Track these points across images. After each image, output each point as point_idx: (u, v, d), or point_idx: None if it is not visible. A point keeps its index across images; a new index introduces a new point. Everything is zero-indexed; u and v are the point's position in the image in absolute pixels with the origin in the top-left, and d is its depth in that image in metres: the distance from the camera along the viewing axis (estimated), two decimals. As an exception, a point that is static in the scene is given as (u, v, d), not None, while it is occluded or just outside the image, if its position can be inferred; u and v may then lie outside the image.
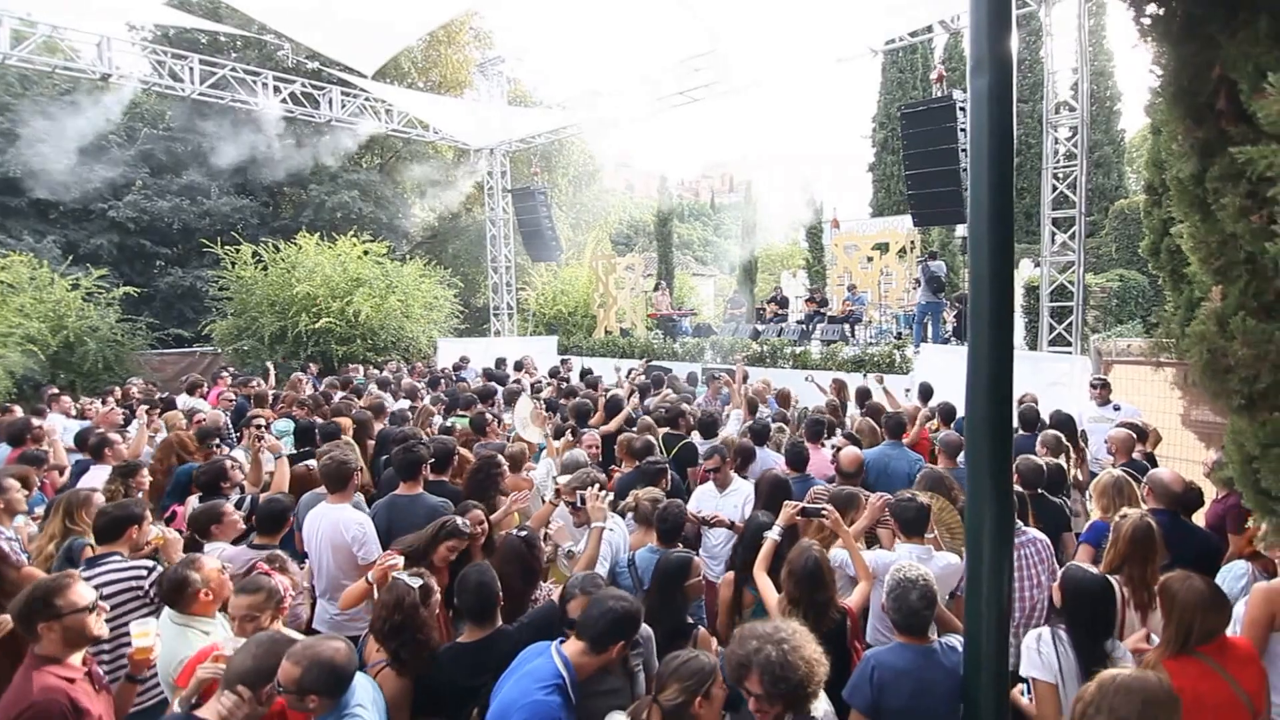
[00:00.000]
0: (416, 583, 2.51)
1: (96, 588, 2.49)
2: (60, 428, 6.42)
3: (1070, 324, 9.42)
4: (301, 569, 3.27)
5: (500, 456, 4.15)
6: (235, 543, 3.40)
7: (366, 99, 13.67)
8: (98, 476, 4.44)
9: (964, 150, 8.90)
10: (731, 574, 3.48)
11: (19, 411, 6.80)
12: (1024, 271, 13.41)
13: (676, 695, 1.89)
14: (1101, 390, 6.15)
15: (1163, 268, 4.95)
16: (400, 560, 2.75)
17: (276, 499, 3.55)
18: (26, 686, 2.07)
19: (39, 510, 4.06)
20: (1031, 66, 17.01)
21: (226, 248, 13.75)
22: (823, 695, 2.15)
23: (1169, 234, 4.83)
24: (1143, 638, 2.79)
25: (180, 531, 3.48)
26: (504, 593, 2.78)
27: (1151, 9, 2.00)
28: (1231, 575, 3.16)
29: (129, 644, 2.39)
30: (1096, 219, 16.76)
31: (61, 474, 5.19)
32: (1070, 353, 9.17)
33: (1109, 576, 2.63)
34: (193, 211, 16.92)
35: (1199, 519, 3.85)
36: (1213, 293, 2.10)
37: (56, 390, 7.97)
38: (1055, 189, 9.32)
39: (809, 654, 2.03)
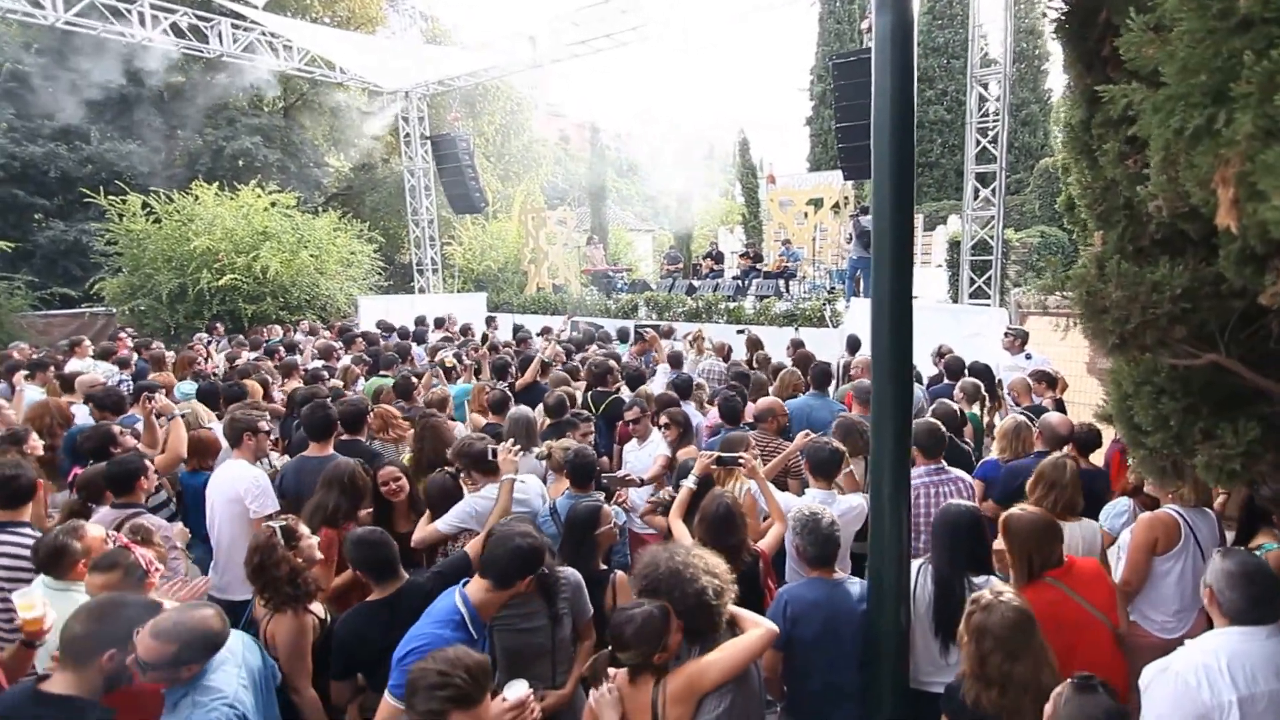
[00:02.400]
0: (278, 524, 2.55)
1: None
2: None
3: (990, 278, 9.65)
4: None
5: (442, 417, 4.20)
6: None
7: (262, 33, 12.47)
8: None
9: None
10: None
11: None
12: (950, 227, 13.90)
13: (637, 658, 1.94)
14: (1014, 340, 6.40)
15: (1076, 222, 5.29)
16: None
17: (124, 456, 3.41)
18: None
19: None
20: (964, 21, 17.25)
21: (111, 198, 12.50)
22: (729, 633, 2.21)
23: None
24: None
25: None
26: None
27: (1048, -48, 1.99)
28: (1114, 512, 3.40)
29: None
30: (1021, 176, 17.10)
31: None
32: (989, 305, 9.42)
33: (978, 511, 2.75)
34: (71, 158, 15.22)
35: (1098, 459, 4.09)
36: (1095, 238, 2.18)
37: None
38: (979, 144, 9.42)
39: (714, 567, 2.13)
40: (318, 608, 2.63)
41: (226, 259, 11.93)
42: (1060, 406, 5.18)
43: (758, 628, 2.12)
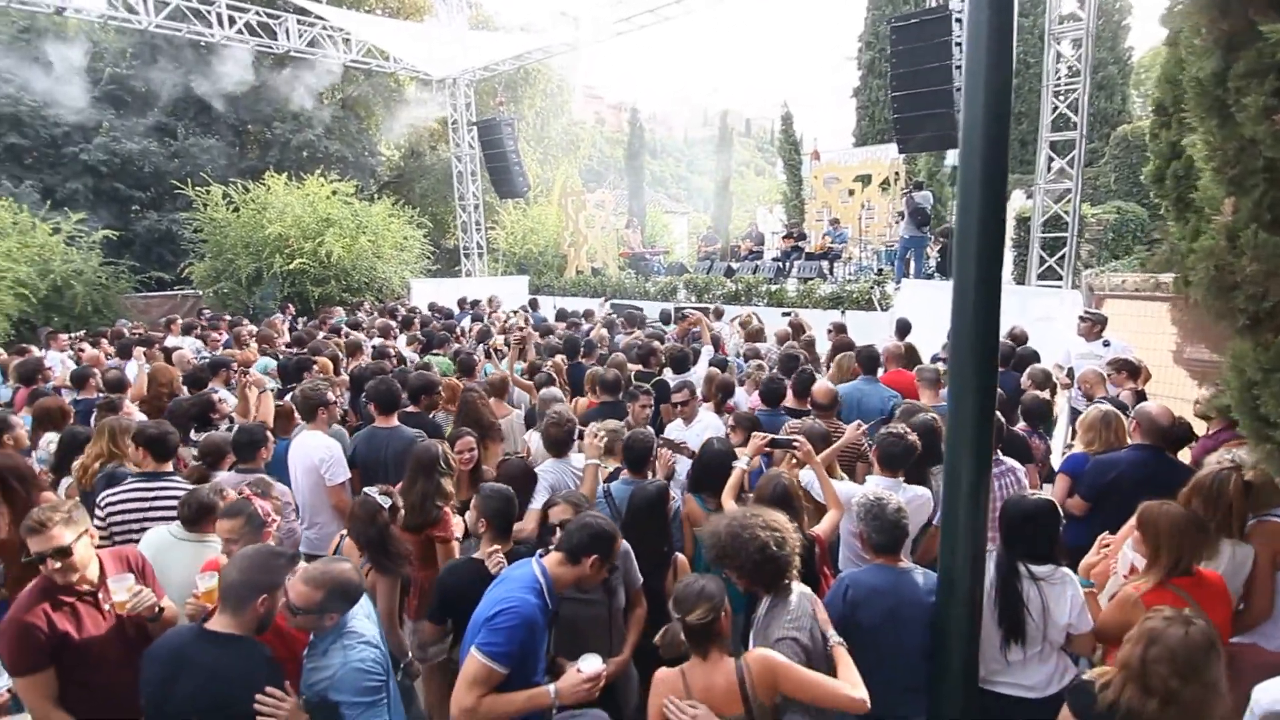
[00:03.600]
0: (386, 501, 2.75)
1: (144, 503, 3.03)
2: (58, 364, 6.96)
3: (1063, 256, 8.71)
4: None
5: (479, 391, 4.40)
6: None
7: (324, 27, 13.49)
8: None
9: (958, 67, 8.10)
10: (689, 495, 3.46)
11: (35, 350, 7.33)
12: (1014, 203, 12.29)
13: (707, 614, 1.97)
14: (1092, 325, 5.83)
15: (1166, 195, 4.43)
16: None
17: (249, 426, 3.78)
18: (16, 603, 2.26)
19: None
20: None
21: (198, 189, 13.82)
22: (803, 589, 2.27)
23: (1176, 158, 4.34)
24: (1102, 560, 2.70)
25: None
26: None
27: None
28: None
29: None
30: (1096, 146, 15.29)
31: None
32: (1060, 287, 8.61)
33: (1051, 503, 2.53)
34: (161, 153, 16.77)
35: (1184, 457, 3.65)
36: (1224, 205, 1.94)
37: (51, 330, 8.48)
38: (1055, 109, 8.45)
39: (742, 526, 2.19)
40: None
41: (296, 244, 13.07)
42: (1141, 399, 4.64)
43: (853, 689, 1.99)
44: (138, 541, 2.79)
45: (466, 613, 2.39)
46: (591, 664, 2.06)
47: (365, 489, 2.82)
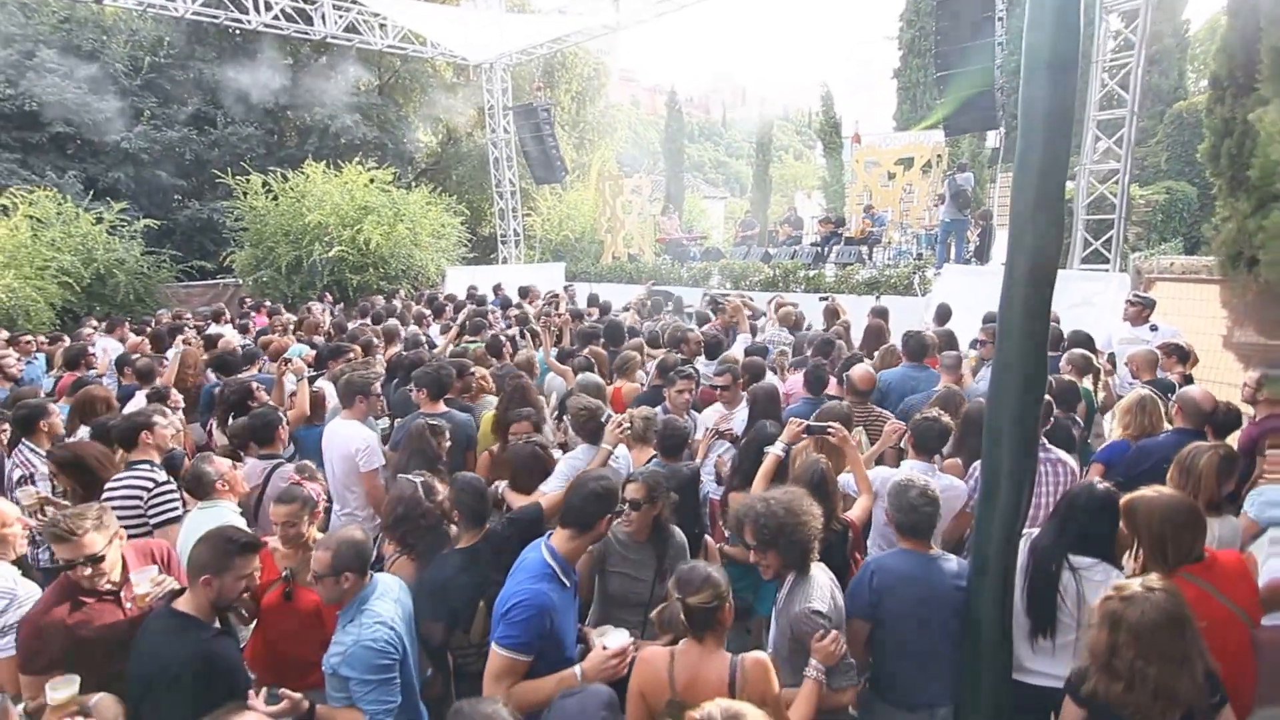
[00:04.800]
0: (418, 479, 2.71)
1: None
2: (107, 351, 6.91)
3: (1109, 239, 8.31)
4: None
5: (524, 375, 4.35)
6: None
7: (359, 12, 13.18)
8: (141, 401, 4.64)
9: (999, 44, 7.93)
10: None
11: (92, 328, 7.43)
12: None
13: (710, 599, 1.94)
14: (1141, 309, 5.60)
15: (1221, 174, 4.42)
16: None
17: (264, 410, 3.78)
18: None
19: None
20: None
21: (237, 178, 13.74)
22: (822, 566, 2.28)
23: (1229, 135, 4.30)
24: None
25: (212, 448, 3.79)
26: (520, 495, 2.99)
27: None
28: (1264, 500, 2.88)
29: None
30: (1146, 125, 14.65)
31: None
32: (1107, 269, 8.26)
33: (1115, 494, 2.42)
34: (202, 142, 16.77)
35: (1233, 442, 3.48)
36: None
37: (96, 322, 8.39)
38: (1104, 86, 8.00)
39: (795, 506, 2.18)
40: None
41: (335, 232, 12.89)
42: (1189, 383, 4.57)
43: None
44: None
45: (457, 603, 2.46)
46: (616, 638, 1.99)
47: (400, 475, 2.81)
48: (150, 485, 3.15)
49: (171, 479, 3.27)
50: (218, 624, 2.19)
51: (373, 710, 2.05)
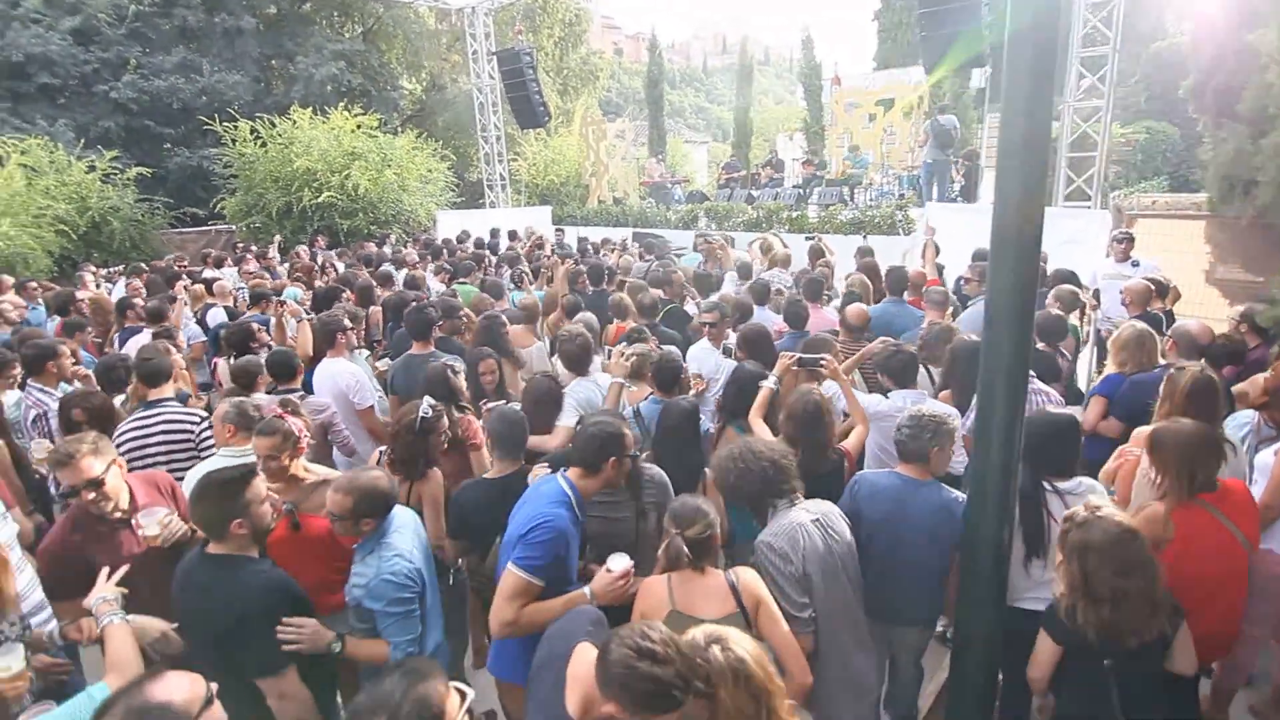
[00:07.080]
0: (426, 405, 2.71)
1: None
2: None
3: (1090, 177, 8.24)
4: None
5: (501, 315, 4.37)
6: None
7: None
8: (147, 338, 4.67)
9: None
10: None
11: (90, 274, 7.51)
12: None
13: (704, 530, 1.98)
14: (1125, 245, 5.63)
15: (1206, 109, 4.27)
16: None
17: (283, 350, 3.82)
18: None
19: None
20: None
21: (226, 125, 13.37)
22: (808, 507, 2.24)
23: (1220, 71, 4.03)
24: (1120, 467, 2.61)
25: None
26: (532, 429, 2.88)
27: None
28: (1234, 424, 2.87)
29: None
30: (1125, 66, 15.07)
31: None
32: (1089, 207, 8.17)
33: (1072, 418, 2.46)
34: (189, 89, 16.15)
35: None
36: None
37: (94, 268, 8.37)
38: (1087, 23, 7.90)
39: (764, 451, 2.24)
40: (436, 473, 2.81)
41: (323, 178, 12.68)
42: (1171, 318, 4.59)
43: (795, 673, 1.94)
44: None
45: (481, 528, 2.46)
46: (619, 562, 2.04)
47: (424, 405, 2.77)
48: (198, 419, 3.18)
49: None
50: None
51: (397, 641, 2.06)
